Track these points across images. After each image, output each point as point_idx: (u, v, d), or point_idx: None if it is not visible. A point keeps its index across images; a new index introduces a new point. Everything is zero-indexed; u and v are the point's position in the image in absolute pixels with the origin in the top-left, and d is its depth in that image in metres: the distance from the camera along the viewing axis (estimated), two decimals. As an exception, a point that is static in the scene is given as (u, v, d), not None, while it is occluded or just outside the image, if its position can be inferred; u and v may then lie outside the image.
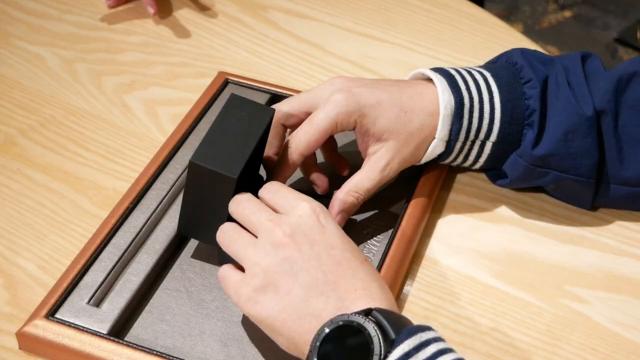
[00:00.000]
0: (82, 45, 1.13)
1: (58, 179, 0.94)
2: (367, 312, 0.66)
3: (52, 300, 0.78)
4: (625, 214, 0.89)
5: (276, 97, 0.99)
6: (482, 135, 0.84)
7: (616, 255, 0.85)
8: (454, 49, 1.11)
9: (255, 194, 0.82)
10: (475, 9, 1.19)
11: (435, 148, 0.84)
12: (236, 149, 0.77)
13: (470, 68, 0.88)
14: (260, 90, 1.00)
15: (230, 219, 0.78)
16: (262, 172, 0.88)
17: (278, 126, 0.84)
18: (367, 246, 0.84)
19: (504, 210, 0.89)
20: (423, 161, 0.86)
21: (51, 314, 0.77)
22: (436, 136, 0.83)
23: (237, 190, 0.77)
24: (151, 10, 1.15)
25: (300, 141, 0.82)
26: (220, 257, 0.82)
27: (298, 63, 1.10)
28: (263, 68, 1.09)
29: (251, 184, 0.85)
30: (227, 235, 0.74)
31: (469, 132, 0.84)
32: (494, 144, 0.85)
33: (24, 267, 0.85)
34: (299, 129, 0.83)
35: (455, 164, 0.88)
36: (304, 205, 0.72)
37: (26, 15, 1.18)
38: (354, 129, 0.83)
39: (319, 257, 0.70)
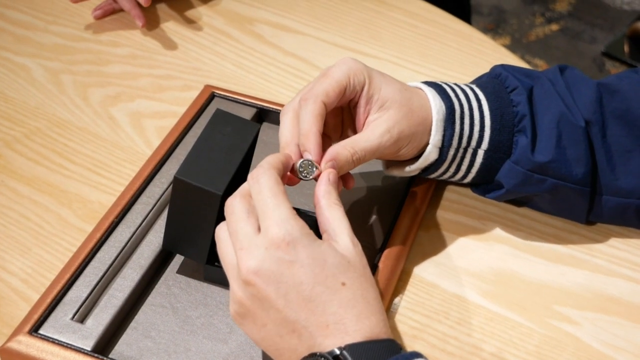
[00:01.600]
0: (68, 57, 1.12)
1: (43, 192, 0.93)
2: (335, 357, 0.64)
3: (36, 316, 0.78)
4: (615, 234, 0.88)
5: (262, 112, 0.99)
6: (473, 143, 0.84)
7: (605, 275, 0.85)
8: (441, 64, 1.11)
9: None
10: (462, 25, 1.19)
11: (430, 154, 0.83)
12: (221, 165, 0.76)
13: (457, 83, 0.88)
14: (246, 104, 0.99)
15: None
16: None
17: (322, 107, 0.79)
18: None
19: (492, 229, 0.89)
20: (415, 168, 0.85)
21: (35, 330, 0.77)
22: (430, 142, 0.83)
23: (222, 207, 0.76)
24: (139, 23, 1.15)
25: (318, 89, 0.79)
26: (206, 273, 0.82)
27: (284, 77, 1.09)
28: (249, 81, 1.08)
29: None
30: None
31: (461, 139, 0.84)
32: (486, 151, 0.85)
33: (8, 281, 0.84)
34: (312, 83, 0.81)
35: (446, 175, 0.87)
36: (273, 232, 0.67)
37: (11, 26, 1.18)
38: (359, 95, 0.81)
39: (286, 295, 0.66)
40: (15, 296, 0.83)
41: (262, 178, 0.70)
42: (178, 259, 0.85)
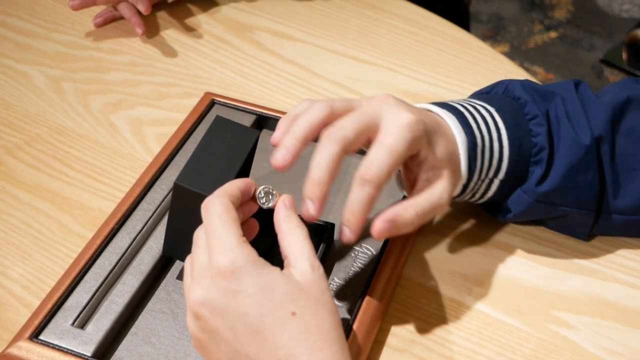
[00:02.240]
0: (69, 64, 1.13)
1: (43, 198, 0.94)
2: None
3: (36, 322, 0.78)
4: (611, 239, 0.89)
5: (262, 118, 0.99)
6: (491, 174, 0.82)
7: (602, 280, 0.85)
8: (438, 71, 1.12)
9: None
10: (459, 32, 1.19)
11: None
12: (221, 171, 0.77)
13: (472, 101, 0.84)
14: (246, 111, 1.00)
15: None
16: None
17: (339, 156, 0.72)
18: (352, 269, 0.84)
19: (489, 234, 0.89)
20: None
21: (35, 336, 0.77)
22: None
23: (223, 213, 0.77)
24: (139, 30, 1.16)
25: (381, 171, 0.71)
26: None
27: (284, 84, 1.10)
28: (249, 89, 1.09)
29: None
30: None
31: (481, 172, 0.81)
32: (502, 181, 0.83)
33: (8, 287, 0.85)
34: (370, 157, 0.72)
35: (461, 200, 0.86)
36: (218, 260, 0.66)
37: (13, 34, 1.18)
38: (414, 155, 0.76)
39: (233, 328, 0.64)
40: (15, 302, 0.83)
41: (212, 207, 0.69)
42: (178, 265, 0.85)
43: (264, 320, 0.64)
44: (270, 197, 0.73)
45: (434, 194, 0.75)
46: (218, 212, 0.68)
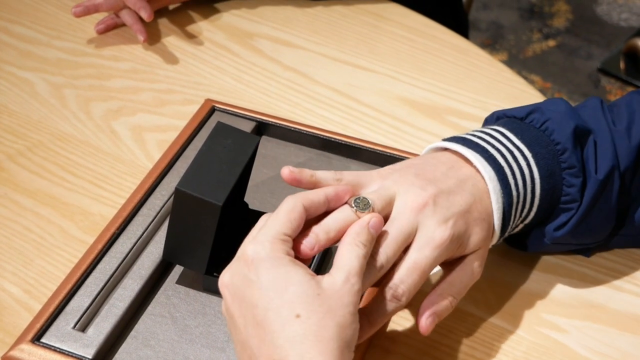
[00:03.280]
0: (71, 71, 1.14)
1: (45, 204, 0.95)
2: None
3: (38, 325, 0.79)
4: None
5: (262, 125, 1.00)
6: (518, 222, 0.80)
7: (591, 283, 0.86)
8: (438, 79, 1.13)
9: (240, 221, 0.83)
10: (459, 39, 1.20)
11: None
12: (222, 177, 0.78)
13: (511, 141, 0.79)
14: (246, 118, 1.01)
15: (215, 246, 0.79)
16: (247, 198, 0.89)
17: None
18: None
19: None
20: None
21: (37, 339, 0.78)
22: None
23: (222, 218, 0.78)
24: (141, 37, 1.17)
25: (411, 291, 0.71)
26: (205, 284, 0.83)
27: (284, 91, 1.11)
28: (249, 95, 1.10)
29: (236, 211, 0.86)
30: None
31: (511, 226, 0.79)
32: (526, 225, 0.82)
33: (10, 292, 0.86)
34: (400, 275, 0.71)
35: None
36: (247, 248, 0.67)
37: (15, 41, 1.19)
38: None
39: (244, 316, 0.65)
40: (17, 306, 0.84)
41: (283, 202, 0.70)
42: (178, 270, 0.86)
43: (269, 315, 0.64)
44: (364, 206, 0.71)
45: (466, 272, 0.76)
46: (283, 207, 0.69)
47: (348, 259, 0.67)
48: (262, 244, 0.66)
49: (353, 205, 0.71)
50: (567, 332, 0.82)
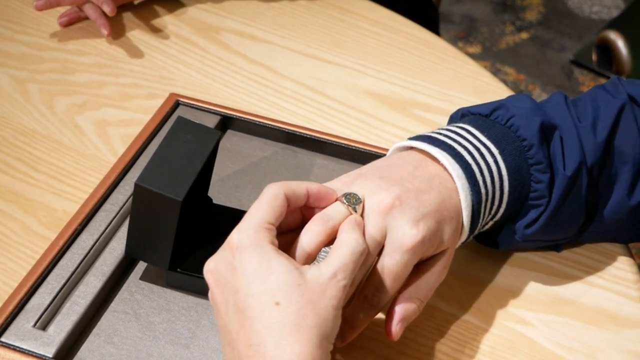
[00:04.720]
0: (35, 66, 1.13)
1: (7, 200, 0.94)
2: None
3: (-2, 323, 0.78)
4: (569, 237, 0.90)
5: (226, 119, 1.00)
6: (488, 219, 0.80)
7: (559, 277, 0.86)
8: (403, 72, 1.13)
9: (204, 216, 0.82)
10: (425, 33, 1.20)
11: None
12: (182, 172, 0.77)
13: (479, 139, 0.79)
14: (211, 112, 1.00)
15: (177, 241, 0.79)
16: (211, 193, 0.88)
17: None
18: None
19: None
20: None
21: (-4, 337, 0.77)
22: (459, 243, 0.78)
23: (184, 213, 0.77)
24: (104, 31, 1.16)
25: (386, 297, 0.72)
26: (168, 280, 0.83)
27: (250, 85, 1.10)
28: (215, 89, 1.09)
29: (200, 206, 0.85)
30: None
31: (480, 223, 0.78)
32: (496, 221, 0.81)
33: (-29, 289, 0.85)
34: (375, 282, 0.72)
35: None
36: (232, 236, 0.67)
37: (-22, 36, 1.18)
38: None
39: (227, 301, 0.66)
40: (-22, 303, 0.84)
41: (265, 190, 0.69)
42: (141, 266, 0.85)
43: (249, 301, 0.64)
44: (355, 201, 0.71)
45: (434, 274, 0.75)
46: (265, 196, 0.69)
47: (342, 253, 0.67)
48: (246, 232, 0.67)
49: (345, 201, 0.71)
50: (533, 326, 0.82)
